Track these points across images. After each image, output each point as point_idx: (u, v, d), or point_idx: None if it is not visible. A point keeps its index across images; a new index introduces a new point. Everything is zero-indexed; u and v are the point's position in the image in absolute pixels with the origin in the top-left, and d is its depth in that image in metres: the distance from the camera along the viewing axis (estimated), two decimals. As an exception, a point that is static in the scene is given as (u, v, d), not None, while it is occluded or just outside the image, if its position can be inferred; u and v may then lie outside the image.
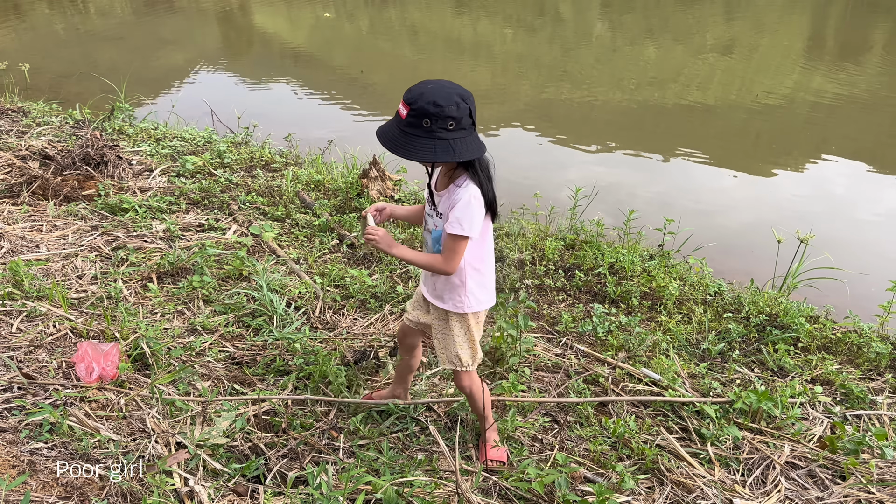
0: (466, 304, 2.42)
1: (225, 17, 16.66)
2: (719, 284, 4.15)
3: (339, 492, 2.26)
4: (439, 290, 2.45)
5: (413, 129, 2.11)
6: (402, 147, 2.13)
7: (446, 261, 2.28)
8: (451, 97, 2.10)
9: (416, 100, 2.10)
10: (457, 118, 2.11)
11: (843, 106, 8.82)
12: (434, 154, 2.11)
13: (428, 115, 2.08)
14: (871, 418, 3.06)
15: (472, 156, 2.20)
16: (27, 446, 2.34)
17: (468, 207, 2.23)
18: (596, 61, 11.78)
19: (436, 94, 2.09)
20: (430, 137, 2.11)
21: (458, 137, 2.14)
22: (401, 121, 2.13)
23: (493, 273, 2.50)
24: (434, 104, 2.08)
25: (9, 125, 6.28)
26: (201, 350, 3.27)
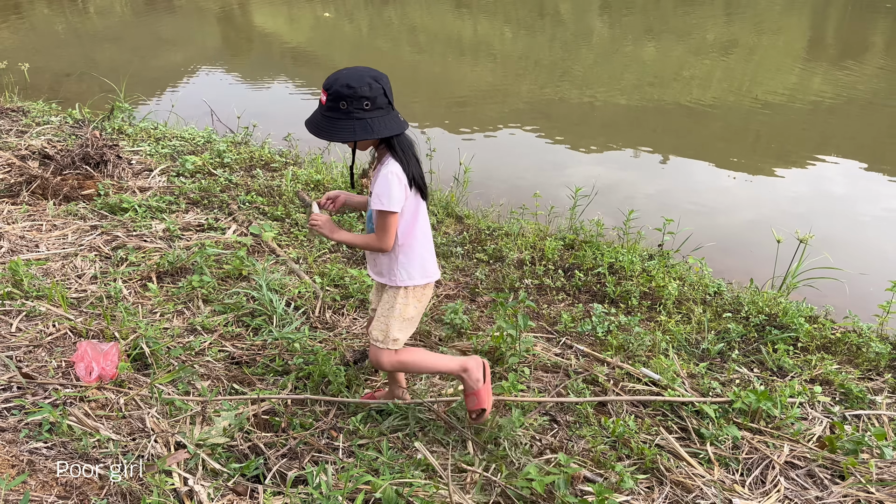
0: (399, 278, 2.54)
1: (225, 16, 16.66)
2: (719, 284, 4.15)
3: (338, 491, 2.26)
4: (379, 267, 2.59)
5: (333, 112, 2.28)
6: (325, 130, 2.30)
7: (378, 239, 2.43)
8: (363, 79, 2.27)
9: (331, 85, 2.27)
10: (371, 98, 2.26)
11: (843, 106, 8.82)
12: (354, 133, 2.27)
13: (343, 97, 2.25)
14: (870, 418, 3.06)
15: (392, 132, 2.33)
16: (26, 446, 2.34)
17: (385, 182, 2.36)
18: (596, 61, 11.79)
19: (349, 77, 2.26)
20: (349, 118, 2.27)
21: (375, 117, 2.29)
22: (322, 107, 2.31)
23: (427, 251, 2.59)
24: (347, 86, 2.24)
25: (8, 124, 6.28)
26: (201, 350, 3.26)
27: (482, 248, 4.52)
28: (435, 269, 2.64)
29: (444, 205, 5.09)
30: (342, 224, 4.72)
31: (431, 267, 2.62)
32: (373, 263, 2.62)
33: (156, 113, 7.36)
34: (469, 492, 2.43)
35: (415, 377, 3.16)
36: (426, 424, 2.77)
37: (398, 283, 2.55)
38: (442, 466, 2.54)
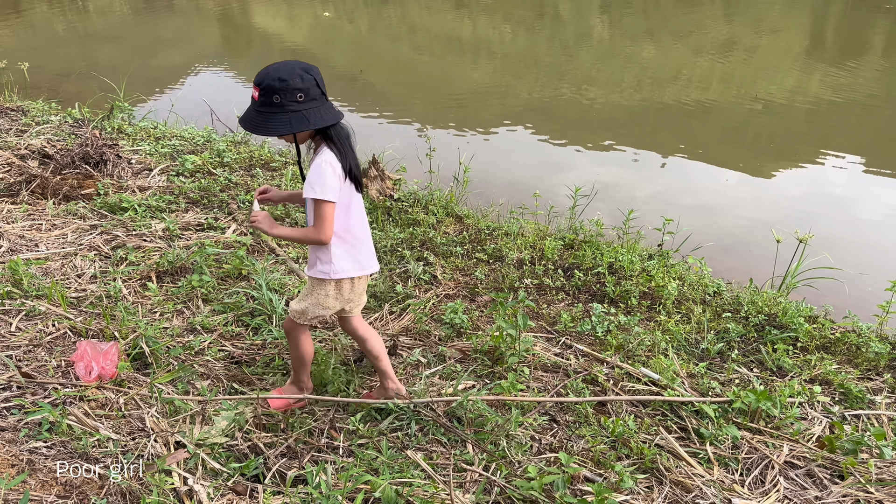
0: (330, 270, 2.55)
1: (224, 16, 16.66)
2: (718, 284, 4.15)
3: (338, 491, 2.26)
4: (311, 259, 2.60)
5: (266, 107, 2.29)
6: (261, 125, 2.31)
7: (317, 230, 2.43)
8: (294, 71, 2.28)
9: (262, 80, 2.27)
10: (304, 89, 2.28)
11: (843, 106, 8.82)
12: (290, 126, 2.29)
13: (276, 90, 2.25)
14: (869, 418, 3.06)
15: (327, 122, 2.35)
16: (26, 445, 2.34)
17: (318, 171, 2.38)
18: (595, 61, 11.79)
19: (280, 70, 2.27)
20: (284, 111, 2.28)
21: (310, 108, 2.31)
22: (254, 103, 2.31)
23: (363, 244, 2.61)
24: (279, 80, 2.25)
25: (8, 124, 6.28)
26: (200, 349, 3.26)
27: (482, 247, 4.52)
28: (371, 261, 2.66)
29: (444, 204, 5.09)
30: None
31: (366, 259, 2.64)
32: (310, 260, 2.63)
33: (155, 112, 7.36)
34: (469, 491, 2.43)
35: (413, 377, 3.16)
36: (425, 424, 2.77)
37: (327, 275, 2.56)
38: (442, 466, 2.54)
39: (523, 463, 2.58)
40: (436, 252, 4.42)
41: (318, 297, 2.62)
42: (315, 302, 2.63)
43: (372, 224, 4.75)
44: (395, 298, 3.83)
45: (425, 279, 4.09)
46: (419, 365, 3.29)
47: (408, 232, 4.62)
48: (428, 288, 4.02)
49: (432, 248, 4.46)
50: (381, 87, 10.39)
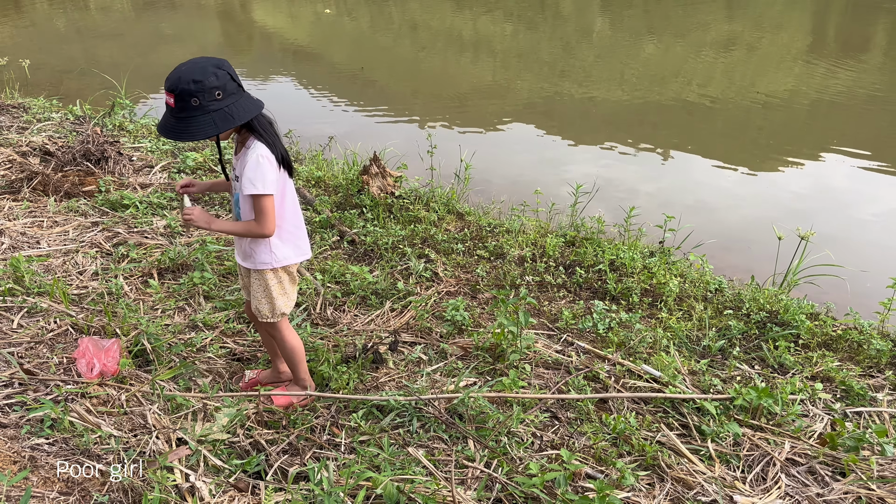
0: (272, 259, 2.57)
1: (225, 13, 16.64)
2: (720, 281, 4.15)
3: (339, 487, 2.26)
4: (246, 250, 2.59)
5: (185, 112, 2.21)
6: (184, 132, 2.23)
7: (260, 224, 2.41)
8: (207, 69, 2.21)
9: (176, 85, 2.19)
10: (220, 86, 2.22)
11: (844, 103, 8.81)
12: (216, 126, 2.23)
13: (192, 93, 2.18)
14: (871, 415, 3.06)
15: (252, 114, 2.32)
16: (28, 442, 2.34)
17: (258, 167, 2.35)
18: (596, 58, 11.77)
19: (192, 72, 2.19)
20: (205, 113, 2.21)
21: (231, 103, 2.25)
22: (172, 110, 2.23)
23: (299, 228, 2.63)
24: (193, 81, 2.17)
25: (9, 121, 6.28)
26: (202, 346, 3.27)
27: (483, 244, 4.52)
28: (307, 245, 2.69)
29: (445, 201, 5.08)
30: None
31: (304, 244, 2.67)
32: (239, 248, 2.63)
33: (157, 109, 7.35)
34: (470, 488, 2.43)
35: (414, 374, 3.16)
36: (427, 421, 2.77)
37: (267, 264, 2.57)
38: (443, 463, 2.54)
39: (525, 460, 2.58)
40: (437, 249, 4.42)
41: (274, 289, 2.64)
42: (276, 294, 2.66)
43: (373, 221, 4.75)
44: (396, 295, 3.83)
45: (426, 276, 4.09)
46: (420, 362, 3.29)
47: (409, 229, 4.62)
48: (429, 285, 4.02)
49: (433, 246, 4.45)
50: (381, 85, 10.38)
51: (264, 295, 2.66)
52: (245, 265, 2.65)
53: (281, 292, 2.67)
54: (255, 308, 2.69)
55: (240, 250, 2.65)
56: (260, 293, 2.66)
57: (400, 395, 2.89)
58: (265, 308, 2.68)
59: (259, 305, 2.68)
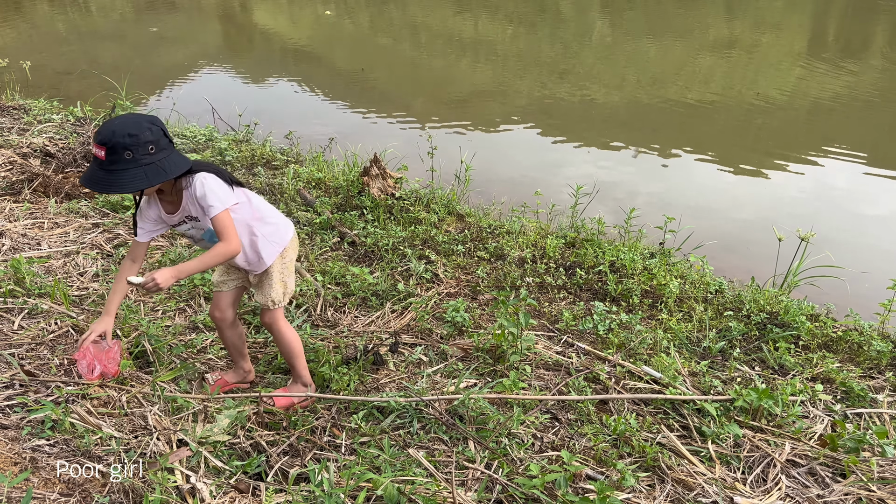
0: (275, 247, 2.69)
1: (226, 14, 16.66)
2: (720, 282, 4.15)
3: (340, 489, 2.26)
4: (252, 260, 2.68)
5: (117, 164, 2.22)
6: (114, 185, 2.25)
7: (225, 241, 2.43)
8: (141, 124, 2.26)
9: (109, 138, 2.21)
10: (154, 141, 2.26)
11: (844, 104, 8.81)
12: (147, 179, 2.26)
13: (127, 146, 2.21)
14: (871, 416, 3.06)
15: (182, 169, 2.37)
16: (29, 443, 2.34)
17: (206, 189, 2.39)
18: (596, 59, 11.78)
19: (127, 126, 2.23)
20: (138, 166, 2.24)
21: (162, 157, 2.30)
22: (102, 162, 2.23)
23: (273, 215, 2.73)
24: (128, 135, 2.21)
25: (10, 122, 6.28)
26: (203, 347, 3.27)
27: (483, 246, 4.53)
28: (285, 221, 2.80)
29: (446, 203, 5.09)
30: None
31: (284, 224, 2.78)
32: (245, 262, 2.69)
33: (157, 111, 7.35)
34: (471, 489, 2.43)
35: (415, 375, 3.17)
36: (427, 422, 2.77)
37: (275, 253, 2.70)
38: (444, 464, 2.55)
39: (525, 461, 2.59)
40: (437, 250, 4.42)
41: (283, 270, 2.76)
42: (287, 273, 2.78)
43: (374, 222, 4.75)
44: (396, 297, 3.83)
45: (427, 277, 4.09)
46: (421, 363, 3.29)
47: (409, 230, 4.62)
48: (429, 286, 4.02)
49: (434, 247, 4.46)
50: (382, 86, 10.39)
51: (279, 279, 2.76)
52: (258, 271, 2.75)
53: (290, 272, 2.81)
54: (267, 299, 2.76)
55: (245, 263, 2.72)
56: (276, 280, 2.75)
57: (400, 396, 2.89)
58: (279, 292, 2.76)
59: (272, 293, 2.75)
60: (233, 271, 2.84)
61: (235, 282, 2.85)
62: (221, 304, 2.84)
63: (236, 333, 2.94)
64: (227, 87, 10.01)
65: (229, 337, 2.94)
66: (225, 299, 2.84)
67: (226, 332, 2.93)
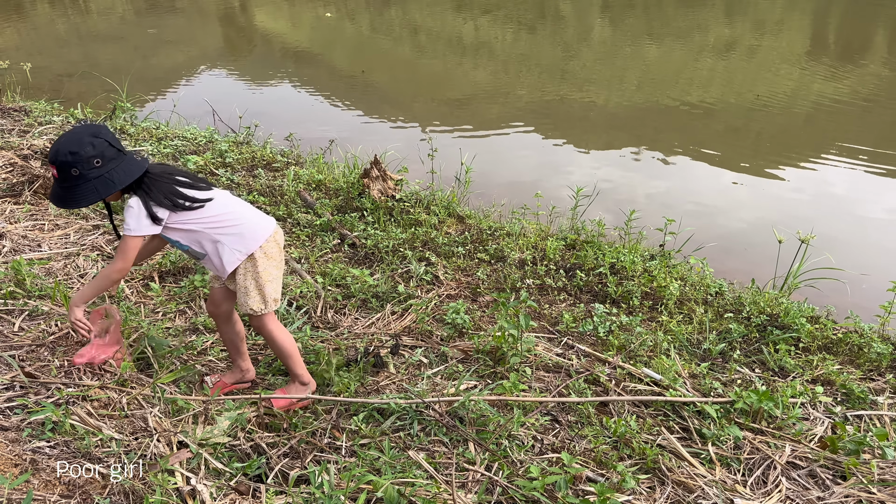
0: (237, 255, 2.62)
1: (226, 16, 16.67)
2: (720, 284, 4.15)
3: (340, 491, 2.26)
4: (217, 265, 2.64)
5: (68, 181, 2.32)
6: (70, 200, 2.35)
7: (113, 262, 2.51)
8: (83, 140, 2.30)
9: (55, 157, 2.30)
10: (98, 154, 2.31)
11: (845, 106, 8.82)
12: (97, 193, 2.34)
13: (71, 164, 2.29)
14: (871, 418, 3.06)
15: (133, 177, 2.40)
16: (29, 445, 2.34)
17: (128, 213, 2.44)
18: (596, 61, 11.79)
19: (68, 144, 2.29)
20: (87, 181, 2.32)
21: (110, 169, 2.34)
22: (56, 180, 2.34)
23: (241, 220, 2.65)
24: (70, 153, 2.28)
25: (11, 124, 6.29)
26: (203, 349, 3.27)
27: (484, 248, 4.53)
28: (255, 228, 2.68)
29: (446, 205, 5.09)
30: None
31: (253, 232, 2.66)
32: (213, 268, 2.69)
33: (158, 113, 7.37)
34: (471, 491, 2.43)
35: (415, 377, 3.17)
36: (427, 424, 2.77)
37: (237, 260, 2.62)
38: (444, 466, 2.55)
39: (525, 463, 2.58)
40: (438, 252, 4.42)
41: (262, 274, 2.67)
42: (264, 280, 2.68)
43: (374, 224, 4.75)
44: (396, 298, 3.83)
45: (427, 279, 4.09)
46: (421, 365, 3.29)
47: (410, 232, 4.63)
48: (430, 288, 4.02)
49: (434, 249, 4.46)
50: (382, 88, 10.40)
51: (254, 286, 2.67)
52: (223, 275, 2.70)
53: (268, 278, 2.69)
54: (245, 306, 2.69)
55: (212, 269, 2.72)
56: (250, 285, 2.67)
57: (401, 398, 2.89)
58: (256, 300, 2.68)
59: (248, 300, 2.68)
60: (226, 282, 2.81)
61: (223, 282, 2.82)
62: (215, 298, 2.85)
63: (233, 330, 2.93)
64: (227, 88, 10.02)
65: (226, 333, 2.93)
66: (218, 294, 2.83)
67: (222, 328, 2.92)
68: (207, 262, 2.69)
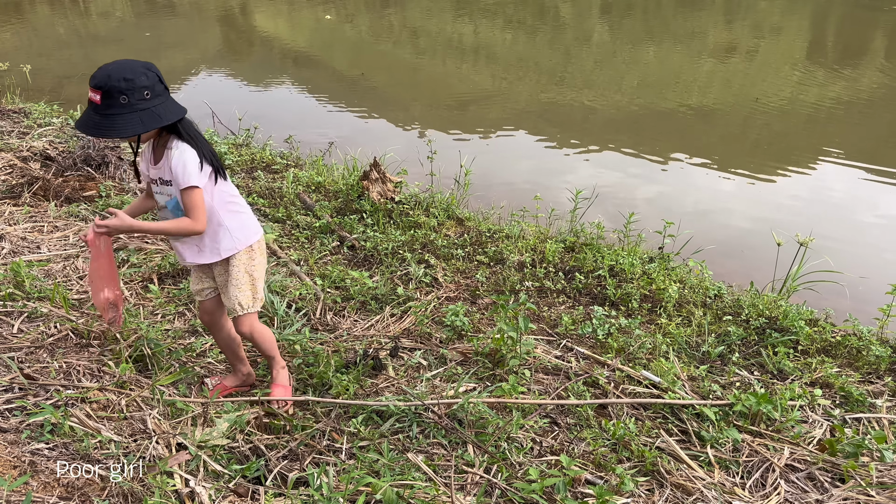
0: (236, 243, 2.59)
1: (226, 18, 16.68)
2: (719, 287, 4.15)
3: (339, 493, 2.26)
4: (207, 247, 2.58)
5: (112, 109, 2.20)
6: (110, 129, 2.21)
7: (194, 219, 2.39)
8: (137, 69, 2.23)
9: (105, 81, 2.18)
10: (149, 86, 2.24)
11: (844, 109, 8.83)
12: (143, 125, 2.23)
13: (122, 91, 2.19)
14: (870, 421, 3.07)
15: (178, 116, 2.35)
16: (28, 447, 2.34)
17: (182, 162, 2.36)
18: (596, 64, 11.80)
19: (122, 70, 2.20)
20: (133, 111, 2.21)
21: (158, 104, 2.27)
22: (97, 107, 2.21)
23: (244, 212, 2.65)
24: (124, 79, 2.18)
25: (10, 126, 6.29)
26: (202, 351, 3.27)
27: (483, 250, 4.53)
28: (256, 224, 2.72)
29: (445, 207, 5.09)
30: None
31: (254, 224, 2.70)
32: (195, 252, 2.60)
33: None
34: (470, 493, 2.43)
35: (414, 379, 3.17)
36: (426, 426, 2.77)
37: (234, 248, 2.60)
38: (443, 468, 2.55)
39: (524, 465, 2.59)
40: (437, 254, 4.42)
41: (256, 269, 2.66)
42: (258, 275, 2.67)
43: (373, 226, 4.75)
44: (396, 301, 3.84)
45: (426, 281, 4.09)
46: (420, 367, 3.29)
47: (409, 234, 4.63)
48: (429, 290, 4.02)
49: (433, 251, 4.46)
50: (382, 90, 10.41)
51: (247, 280, 2.65)
52: (205, 261, 2.62)
53: (258, 275, 2.69)
54: (234, 301, 2.66)
55: (190, 250, 2.60)
56: (242, 279, 2.64)
57: (400, 400, 2.89)
58: (246, 296, 2.66)
59: (239, 296, 2.65)
60: (205, 279, 2.76)
61: (210, 291, 2.78)
62: (208, 307, 2.81)
63: (229, 337, 2.91)
64: (226, 90, 10.03)
65: (222, 340, 2.92)
66: (209, 304, 2.80)
67: (218, 336, 2.90)
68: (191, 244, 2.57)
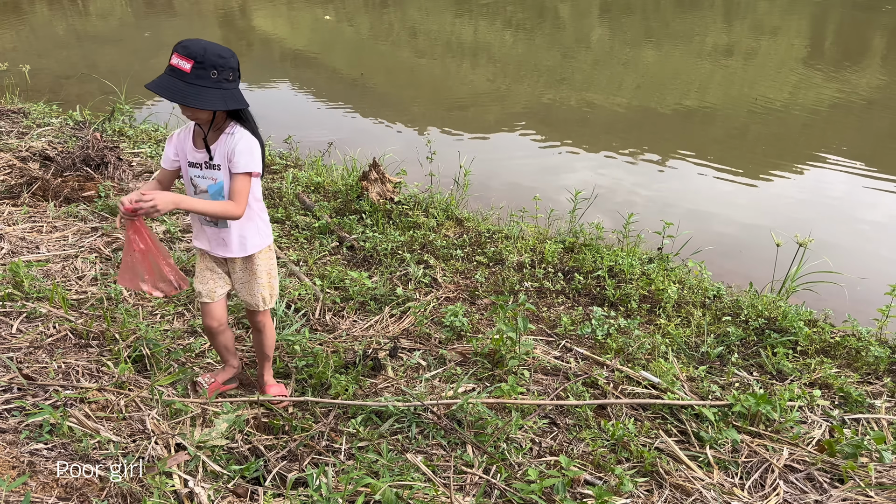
0: (261, 239, 2.66)
1: (225, 19, 16.68)
2: (718, 288, 4.15)
3: (338, 493, 2.26)
4: (235, 242, 2.60)
5: (201, 80, 2.26)
6: (195, 97, 2.26)
7: (238, 203, 2.43)
8: (228, 51, 2.32)
9: (203, 53, 2.24)
10: (235, 69, 2.33)
11: (843, 110, 8.84)
12: (224, 102, 2.31)
13: (216, 66, 2.26)
14: (869, 422, 3.07)
15: (247, 105, 2.44)
16: (27, 447, 2.34)
17: (248, 146, 2.42)
18: (595, 65, 11.81)
19: (217, 47, 2.29)
20: (218, 88, 2.29)
21: (235, 88, 2.36)
22: (185, 74, 2.25)
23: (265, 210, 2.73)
24: (220, 56, 2.27)
25: (9, 126, 6.28)
26: (201, 351, 3.27)
27: (482, 250, 4.53)
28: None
29: (444, 207, 5.09)
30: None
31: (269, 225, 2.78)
32: (222, 244, 2.61)
33: (156, 115, 7.37)
34: (469, 494, 2.43)
35: (414, 379, 3.17)
36: (426, 427, 2.77)
37: (261, 245, 2.66)
38: (442, 469, 2.54)
39: (523, 466, 2.59)
40: (436, 255, 4.42)
41: (273, 267, 2.76)
42: (275, 273, 2.78)
43: (372, 227, 4.75)
44: (395, 301, 3.83)
45: (425, 282, 4.09)
46: (419, 368, 3.29)
47: (408, 235, 4.63)
48: (428, 291, 4.02)
49: (432, 251, 4.46)
50: (381, 91, 10.41)
51: (268, 278, 2.74)
52: (230, 255, 2.63)
53: (276, 273, 2.79)
54: (257, 297, 2.73)
55: (217, 242, 2.61)
56: (264, 277, 2.72)
57: (399, 401, 2.89)
58: (267, 292, 2.75)
59: (262, 292, 2.74)
60: (217, 277, 2.75)
61: (221, 290, 2.77)
62: (216, 313, 2.78)
63: (229, 336, 2.94)
64: (226, 91, 10.01)
65: (224, 340, 2.91)
66: (218, 308, 2.78)
67: (220, 338, 2.89)
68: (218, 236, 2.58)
